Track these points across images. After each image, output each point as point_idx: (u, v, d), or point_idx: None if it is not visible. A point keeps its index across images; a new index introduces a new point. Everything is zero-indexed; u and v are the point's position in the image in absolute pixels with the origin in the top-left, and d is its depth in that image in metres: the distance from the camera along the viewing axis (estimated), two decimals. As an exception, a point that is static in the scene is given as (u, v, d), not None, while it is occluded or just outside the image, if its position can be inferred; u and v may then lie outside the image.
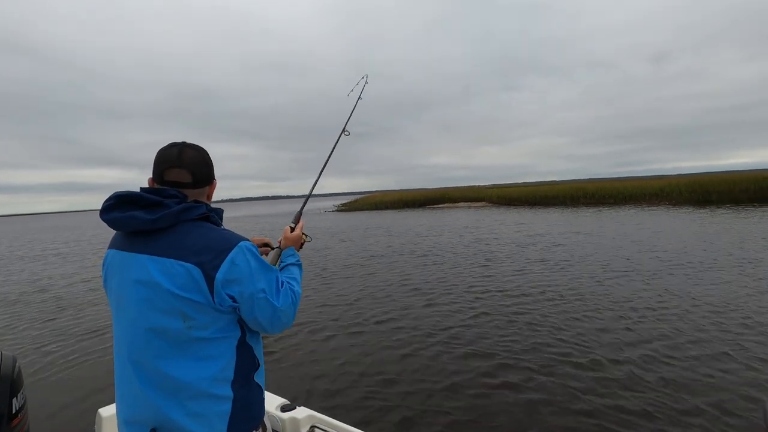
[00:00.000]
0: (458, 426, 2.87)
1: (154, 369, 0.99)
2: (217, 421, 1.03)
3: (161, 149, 1.10)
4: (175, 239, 1.01)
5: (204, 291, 0.99)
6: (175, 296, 0.98)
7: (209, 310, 1.01)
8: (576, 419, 2.86)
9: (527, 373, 3.55)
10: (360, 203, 43.24)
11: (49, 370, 4.21)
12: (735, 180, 24.32)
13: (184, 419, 0.99)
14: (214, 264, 0.99)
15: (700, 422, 2.73)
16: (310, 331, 4.95)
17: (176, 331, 0.99)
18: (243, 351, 1.09)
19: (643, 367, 3.53)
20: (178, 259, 0.99)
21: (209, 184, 1.17)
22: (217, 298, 1.00)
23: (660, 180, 30.90)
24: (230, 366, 1.05)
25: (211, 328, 1.02)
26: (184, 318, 0.99)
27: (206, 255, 1.00)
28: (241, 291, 1.03)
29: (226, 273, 1.00)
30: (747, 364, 3.48)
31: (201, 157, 1.13)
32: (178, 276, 0.98)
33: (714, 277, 6.48)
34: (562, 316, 4.99)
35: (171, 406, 0.99)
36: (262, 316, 1.07)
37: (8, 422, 1.50)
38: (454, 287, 6.78)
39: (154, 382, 0.99)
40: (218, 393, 1.03)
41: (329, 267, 9.28)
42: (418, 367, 3.81)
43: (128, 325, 1.02)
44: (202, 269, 0.99)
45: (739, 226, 12.34)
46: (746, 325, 4.33)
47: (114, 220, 1.02)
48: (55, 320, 6.11)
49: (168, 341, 1.00)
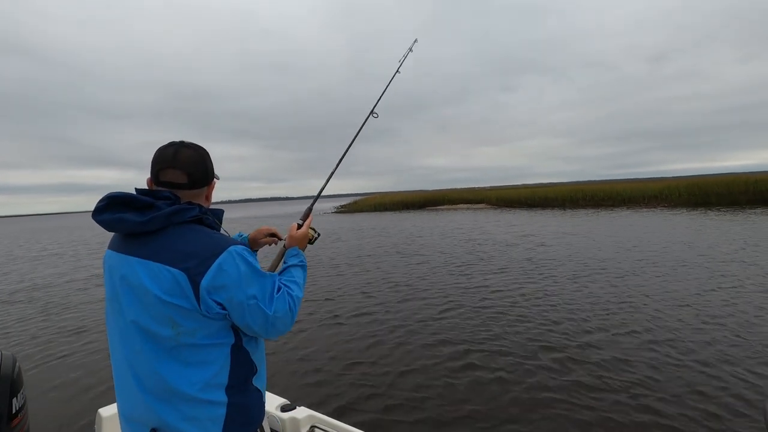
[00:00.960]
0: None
1: (149, 372, 0.99)
2: (211, 426, 1.02)
3: (159, 149, 1.09)
4: (165, 243, 1.00)
5: (190, 297, 0.96)
6: (163, 302, 0.96)
7: (197, 316, 0.98)
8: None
9: (498, 360, 3.81)
10: (360, 205, 43.22)
11: (49, 370, 4.21)
12: (734, 182, 24.31)
13: (179, 422, 0.99)
14: (199, 270, 0.97)
15: (699, 422, 2.74)
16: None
17: (166, 336, 0.98)
18: (239, 356, 1.06)
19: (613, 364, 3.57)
20: (166, 264, 0.97)
21: (207, 184, 1.14)
22: (203, 305, 0.97)
23: (659, 182, 30.94)
24: (224, 371, 1.03)
25: (199, 334, 0.99)
26: (172, 324, 0.97)
27: (193, 260, 0.97)
28: (230, 297, 0.99)
29: (212, 279, 0.97)
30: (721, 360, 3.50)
31: (198, 156, 1.10)
32: (165, 281, 0.96)
33: (683, 276, 6.72)
34: (532, 310, 5.38)
35: (166, 409, 0.99)
36: (254, 322, 1.03)
37: (8, 422, 1.49)
38: (433, 284, 6.98)
39: (149, 385, 0.99)
40: (211, 398, 1.01)
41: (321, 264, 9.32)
42: (385, 353, 4.04)
43: (123, 328, 1.02)
44: (187, 275, 0.96)
45: (729, 228, 12.36)
46: (699, 321, 4.37)
47: (104, 222, 1.01)
48: (55, 320, 6.10)
49: (159, 346, 0.99)
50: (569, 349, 4.00)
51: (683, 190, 25.80)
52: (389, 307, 5.82)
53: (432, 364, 3.87)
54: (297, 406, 1.90)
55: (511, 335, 4.47)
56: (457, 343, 4.34)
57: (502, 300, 5.90)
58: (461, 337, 4.51)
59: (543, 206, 30.49)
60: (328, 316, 5.53)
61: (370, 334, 4.76)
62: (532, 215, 22.77)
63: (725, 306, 5.07)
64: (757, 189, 22.90)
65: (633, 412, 2.88)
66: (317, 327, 5.11)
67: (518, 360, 3.85)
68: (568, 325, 4.69)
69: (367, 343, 4.47)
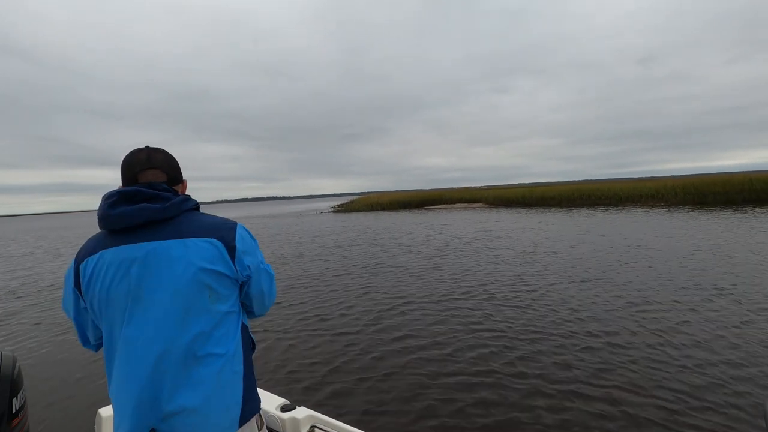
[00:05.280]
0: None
1: (185, 353, 1.01)
2: (232, 403, 1.07)
3: (127, 155, 1.14)
4: (185, 224, 1.08)
5: (228, 262, 1.08)
6: (204, 270, 1.04)
7: (230, 282, 1.10)
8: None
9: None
10: (357, 204, 43.16)
11: (49, 370, 4.20)
12: (730, 181, 24.51)
13: (200, 401, 1.01)
14: (230, 236, 1.11)
15: (699, 422, 2.77)
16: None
17: (201, 308, 1.04)
18: (244, 329, 1.17)
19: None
20: (202, 237, 1.07)
21: (181, 182, 1.23)
22: (238, 267, 1.10)
23: (654, 181, 31.13)
24: (240, 343, 1.13)
25: (230, 300, 1.10)
26: (209, 292, 1.05)
27: (221, 231, 1.10)
28: (252, 261, 1.14)
29: (241, 244, 1.12)
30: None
31: (170, 157, 1.19)
32: (205, 250, 1.05)
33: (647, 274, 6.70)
34: (489, 301, 5.54)
35: (190, 387, 1.01)
36: (265, 284, 1.20)
37: (8, 422, 1.49)
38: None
39: (183, 366, 1.01)
40: (235, 369, 1.09)
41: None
42: (386, 353, 3.91)
43: (159, 313, 1.01)
44: (223, 242, 1.09)
45: (718, 227, 12.46)
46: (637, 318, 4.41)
47: (122, 214, 1.03)
48: (55, 319, 6.08)
49: (193, 320, 1.03)
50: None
51: (679, 190, 26.00)
52: (394, 309, 5.82)
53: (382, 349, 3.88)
54: (297, 406, 1.90)
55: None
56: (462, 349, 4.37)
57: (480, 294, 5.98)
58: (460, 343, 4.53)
59: (540, 206, 30.60)
60: (328, 316, 5.54)
61: (371, 335, 4.76)
62: (532, 214, 22.83)
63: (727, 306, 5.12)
64: (752, 188, 23.10)
65: (627, 408, 2.91)
66: (317, 327, 5.11)
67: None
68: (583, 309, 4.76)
69: (367, 343, 4.47)
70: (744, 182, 23.71)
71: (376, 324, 5.07)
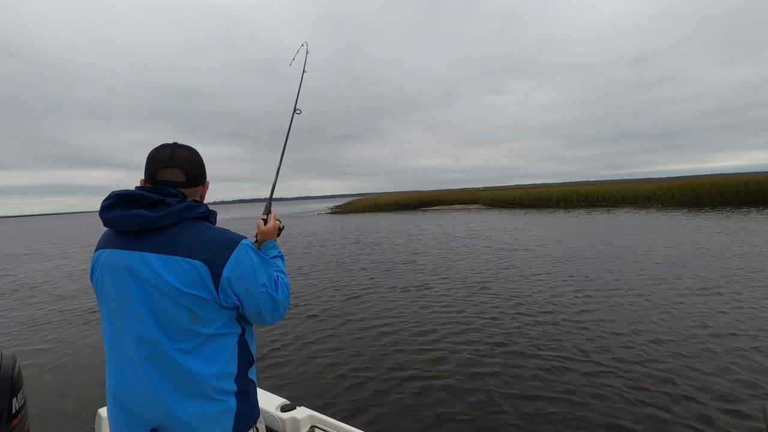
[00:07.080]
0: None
1: (165, 365, 0.99)
2: (224, 417, 1.04)
3: (153, 150, 1.11)
4: (177, 237, 1.02)
5: (210, 287, 1.01)
6: (182, 293, 0.99)
7: (214, 306, 1.03)
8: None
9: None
10: (354, 205, 43.16)
11: (49, 370, 4.18)
12: (726, 183, 24.63)
13: (190, 415, 0.99)
14: (219, 261, 1.02)
15: (699, 422, 2.78)
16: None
17: (183, 328, 1.00)
18: (242, 347, 1.12)
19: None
20: (186, 257, 1.00)
21: (202, 183, 1.19)
22: (222, 295, 1.02)
23: (650, 183, 31.25)
24: (233, 361, 1.07)
25: (216, 324, 1.04)
26: (190, 315, 1.00)
27: (211, 252, 1.02)
28: (246, 287, 1.06)
29: (232, 270, 1.03)
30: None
31: (194, 156, 1.14)
32: (185, 273, 0.99)
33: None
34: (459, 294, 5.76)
35: (179, 400, 0.99)
36: (264, 309, 1.11)
37: (8, 422, 1.49)
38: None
39: (165, 377, 0.99)
40: (225, 388, 1.04)
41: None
42: (386, 354, 3.92)
43: (136, 323, 1.00)
44: (208, 265, 1.00)
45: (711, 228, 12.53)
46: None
47: (115, 219, 1.01)
48: (55, 319, 6.06)
49: (176, 338, 1.00)
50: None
51: (676, 191, 26.10)
52: (398, 309, 5.81)
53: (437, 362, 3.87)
54: (297, 406, 1.90)
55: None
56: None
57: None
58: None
59: (537, 207, 30.66)
60: (329, 317, 5.54)
61: (372, 335, 4.76)
62: (529, 216, 22.88)
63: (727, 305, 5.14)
64: (748, 190, 23.24)
65: (631, 408, 2.92)
66: (316, 328, 5.11)
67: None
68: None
69: (367, 344, 4.46)
70: (740, 184, 23.83)
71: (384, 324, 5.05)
